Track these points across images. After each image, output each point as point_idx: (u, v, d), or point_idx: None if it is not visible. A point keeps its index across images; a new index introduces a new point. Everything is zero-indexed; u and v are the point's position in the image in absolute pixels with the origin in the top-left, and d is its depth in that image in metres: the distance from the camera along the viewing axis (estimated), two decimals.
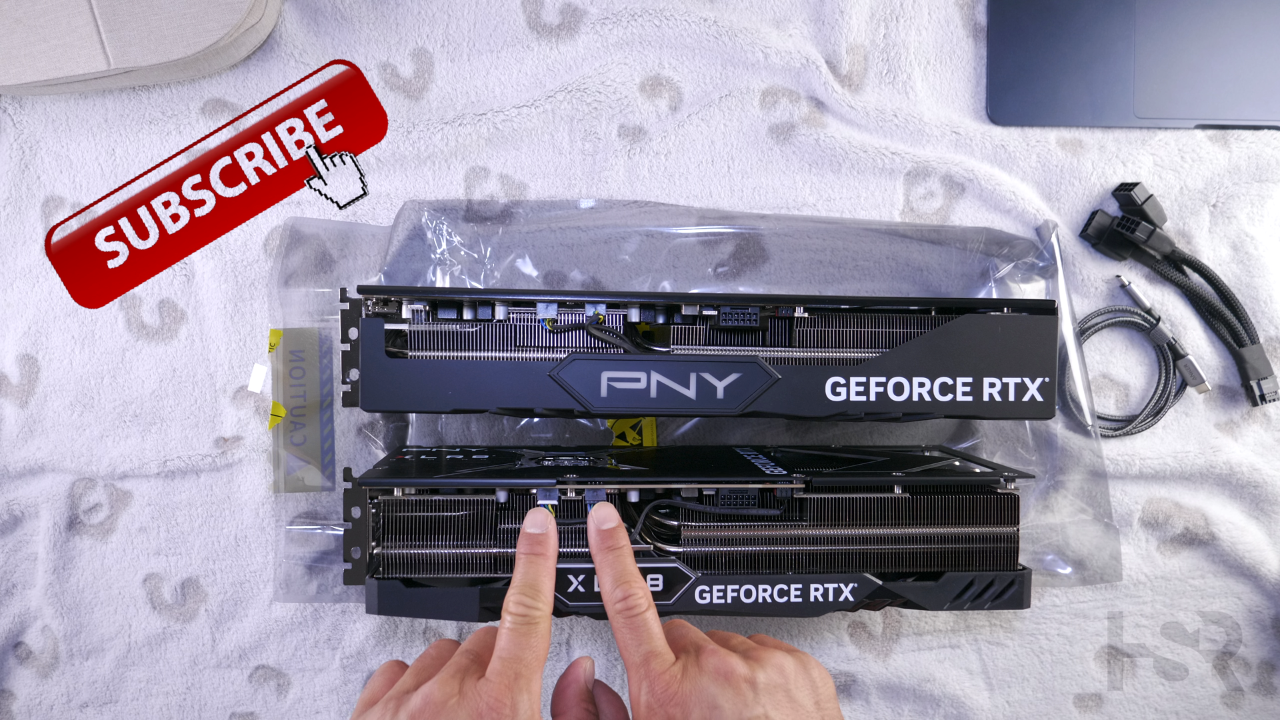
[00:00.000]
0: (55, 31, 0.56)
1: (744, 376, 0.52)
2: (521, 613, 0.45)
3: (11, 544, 0.64)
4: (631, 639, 0.46)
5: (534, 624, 0.45)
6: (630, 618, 0.46)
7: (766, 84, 0.64)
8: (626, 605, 0.47)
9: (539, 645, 0.44)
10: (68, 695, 0.65)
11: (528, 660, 0.43)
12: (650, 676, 0.44)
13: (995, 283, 0.64)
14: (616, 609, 0.47)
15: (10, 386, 0.64)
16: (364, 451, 0.63)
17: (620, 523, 0.50)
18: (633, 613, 0.46)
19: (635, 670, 0.45)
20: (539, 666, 0.44)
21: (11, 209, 0.63)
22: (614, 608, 0.47)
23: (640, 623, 0.46)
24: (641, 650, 0.45)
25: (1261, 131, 0.65)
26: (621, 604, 0.47)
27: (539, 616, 0.45)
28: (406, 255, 0.62)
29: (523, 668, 0.43)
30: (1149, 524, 0.66)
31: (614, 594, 0.47)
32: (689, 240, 0.63)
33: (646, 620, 0.46)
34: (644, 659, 0.45)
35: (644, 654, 0.45)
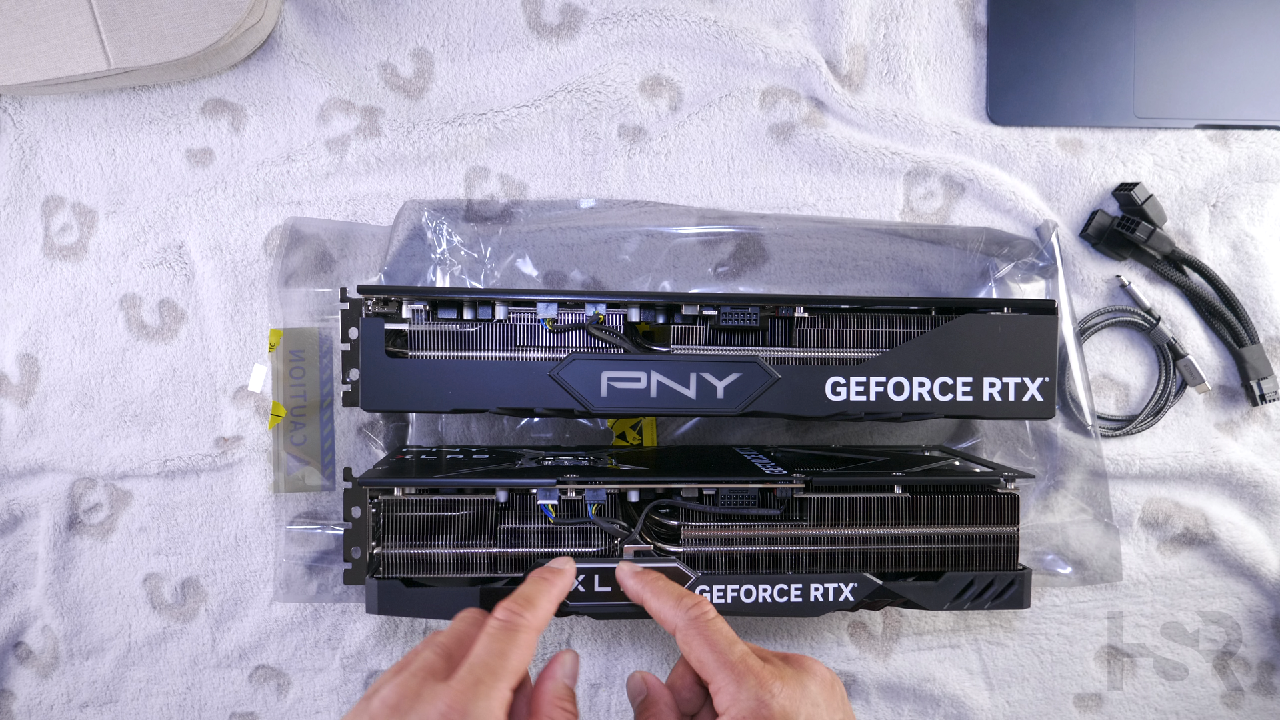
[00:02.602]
0: (55, 31, 0.56)
1: (744, 376, 0.52)
2: (505, 618, 0.44)
3: (11, 544, 0.64)
4: (719, 641, 0.45)
5: (514, 630, 0.43)
6: (708, 623, 0.46)
7: (766, 84, 0.64)
8: (701, 612, 0.46)
9: (515, 653, 0.42)
10: (68, 695, 0.65)
11: (496, 667, 0.41)
12: (754, 673, 0.43)
13: (995, 283, 0.64)
14: (691, 617, 0.46)
15: (10, 386, 0.64)
16: (364, 451, 0.63)
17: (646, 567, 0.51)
18: (707, 618, 0.46)
19: (732, 669, 0.43)
20: (510, 675, 0.41)
21: (11, 209, 0.63)
22: (686, 619, 0.46)
23: (719, 627, 0.46)
24: (735, 650, 0.44)
25: (1261, 131, 0.65)
26: (695, 611, 0.46)
27: (522, 625, 0.44)
28: (406, 255, 0.62)
29: (488, 674, 0.41)
30: (1149, 524, 0.66)
31: (681, 607, 0.47)
32: (689, 240, 0.63)
33: (723, 625, 0.46)
34: (741, 658, 0.44)
35: (740, 653, 0.44)
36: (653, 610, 0.49)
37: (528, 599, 0.46)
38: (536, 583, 0.48)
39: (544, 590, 0.47)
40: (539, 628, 0.45)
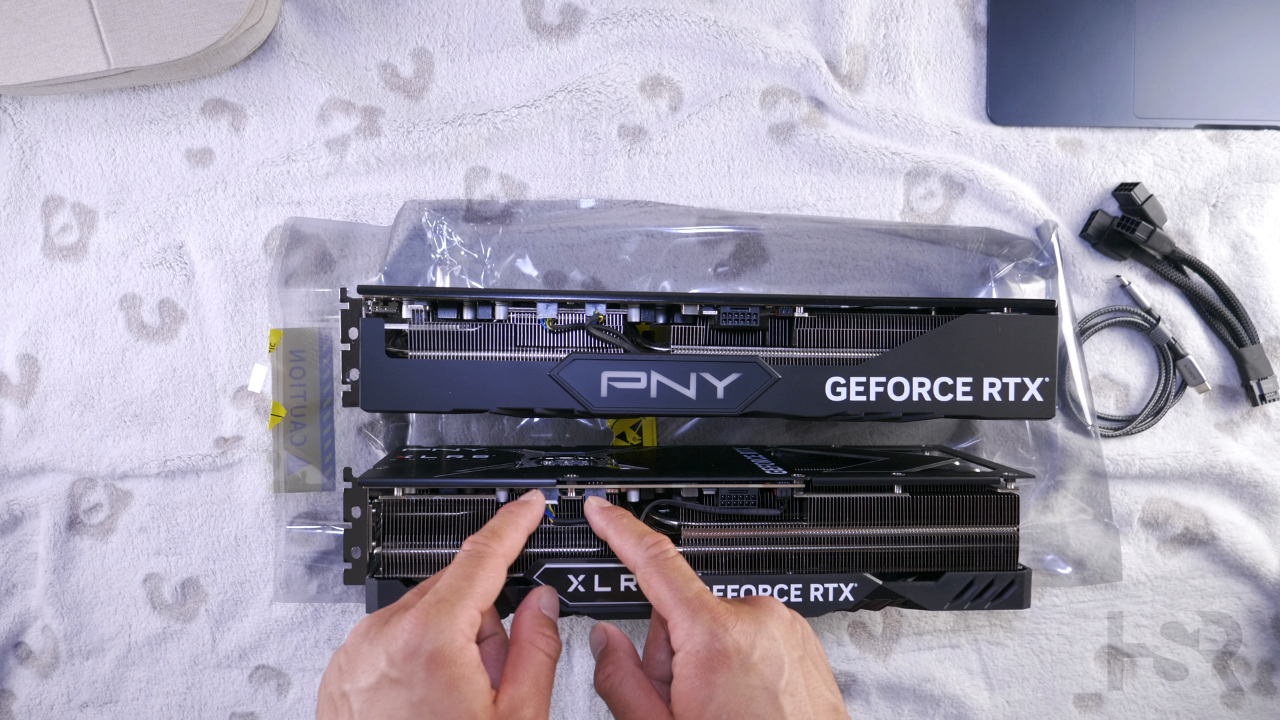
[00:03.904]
0: (55, 31, 0.56)
1: (744, 376, 0.52)
2: (470, 548, 0.44)
3: (11, 544, 0.64)
4: (675, 578, 0.44)
5: (479, 558, 0.44)
6: (666, 560, 0.45)
7: (766, 84, 0.64)
8: (660, 550, 0.46)
9: (480, 576, 0.43)
10: (68, 695, 0.65)
11: (461, 588, 0.41)
12: (709, 608, 0.42)
13: (995, 283, 0.64)
14: (649, 556, 0.46)
15: (10, 386, 0.64)
16: (364, 451, 0.63)
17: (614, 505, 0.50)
18: (667, 555, 0.46)
19: (688, 605, 0.43)
20: (475, 598, 0.41)
21: (11, 209, 0.63)
22: (645, 556, 0.46)
23: (677, 564, 0.45)
24: (692, 587, 0.44)
25: (1261, 131, 0.65)
26: (654, 549, 0.46)
27: (487, 552, 0.44)
28: (406, 255, 0.62)
29: (451, 594, 0.41)
30: (1149, 524, 0.66)
31: (641, 545, 0.46)
32: (689, 240, 0.63)
33: (681, 563, 0.45)
34: (697, 594, 0.43)
35: (696, 590, 0.43)
36: (615, 547, 0.48)
37: (493, 530, 0.47)
38: (503, 515, 0.48)
39: (509, 522, 0.48)
40: (506, 555, 0.46)
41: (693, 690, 0.41)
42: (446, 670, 0.39)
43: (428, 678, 0.38)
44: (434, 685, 0.38)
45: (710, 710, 0.40)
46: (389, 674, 0.39)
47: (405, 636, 0.39)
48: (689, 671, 0.41)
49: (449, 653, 0.39)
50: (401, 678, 0.39)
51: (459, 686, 0.39)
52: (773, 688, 0.41)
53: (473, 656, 0.40)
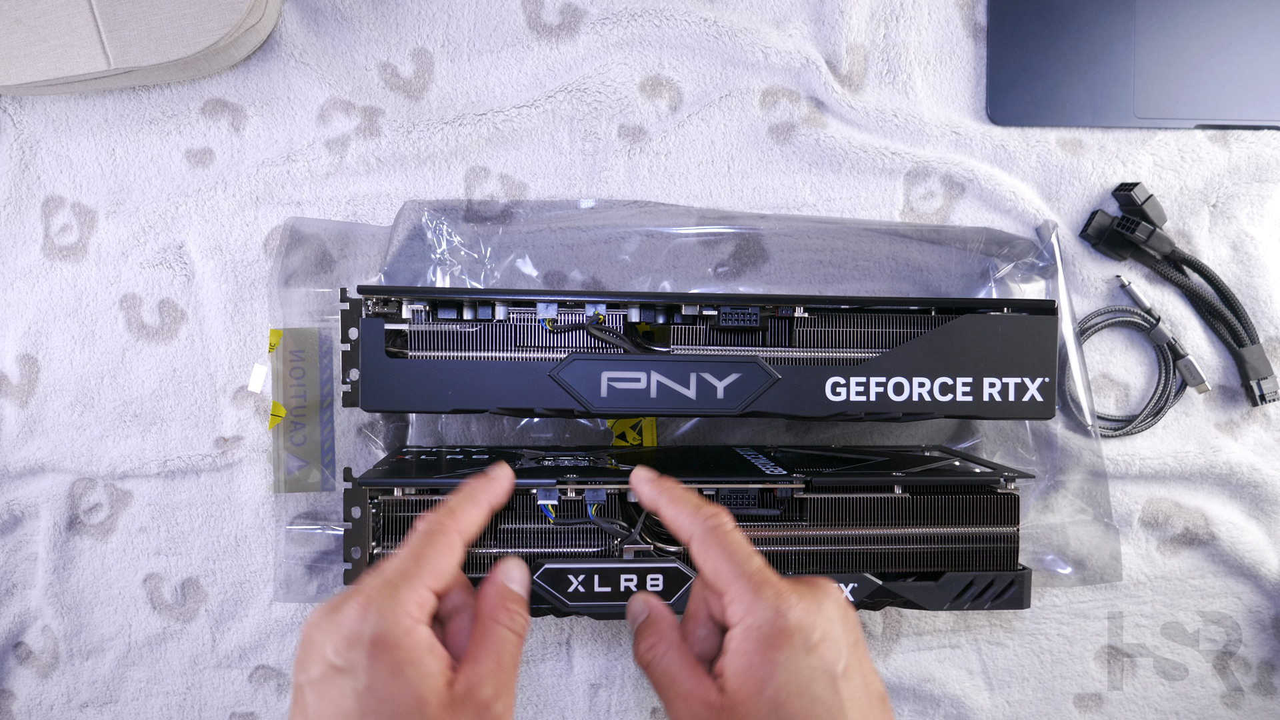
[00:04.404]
0: (55, 31, 0.56)
1: (744, 376, 0.52)
2: (420, 527, 0.43)
3: (11, 544, 0.64)
4: (736, 551, 0.42)
5: (429, 535, 0.42)
6: (726, 533, 0.43)
7: (766, 84, 0.64)
8: (720, 521, 0.44)
9: (429, 554, 0.41)
10: (68, 695, 0.65)
11: (408, 568, 0.40)
12: (772, 584, 0.41)
13: (995, 283, 0.64)
14: (709, 526, 0.44)
15: (10, 386, 0.64)
16: (364, 451, 0.63)
17: None
18: (726, 528, 0.44)
19: (750, 579, 0.41)
20: (425, 576, 0.40)
21: (11, 209, 0.63)
22: (704, 527, 0.44)
23: (738, 537, 0.43)
24: (753, 562, 0.42)
25: (1261, 131, 0.65)
26: (713, 520, 0.44)
27: (439, 529, 0.42)
28: (406, 255, 0.62)
29: (399, 575, 0.40)
30: (1149, 524, 0.66)
31: (699, 515, 0.44)
32: (689, 240, 0.63)
33: (741, 537, 0.44)
34: (758, 570, 0.41)
35: (757, 565, 0.42)
36: (668, 519, 0.46)
37: (448, 507, 0.45)
38: (461, 490, 0.47)
39: (467, 496, 0.46)
40: (462, 532, 0.44)
41: (751, 666, 0.40)
42: (390, 655, 0.38)
43: (370, 665, 0.37)
44: (377, 672, 0.37)
45: (769, 688, 0.39)
46: (334, 663, 0.38)
47: (348, 623, 0.38)
48: (748, 647, 0.40)
49: (392, 637, 0.38)
50: (345, 666, 0.38)
51: (404, 671, 0.38)
52: (832, 670, 0.40)
53: (420, 639, 0.39)
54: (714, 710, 0.40)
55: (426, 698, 0.38)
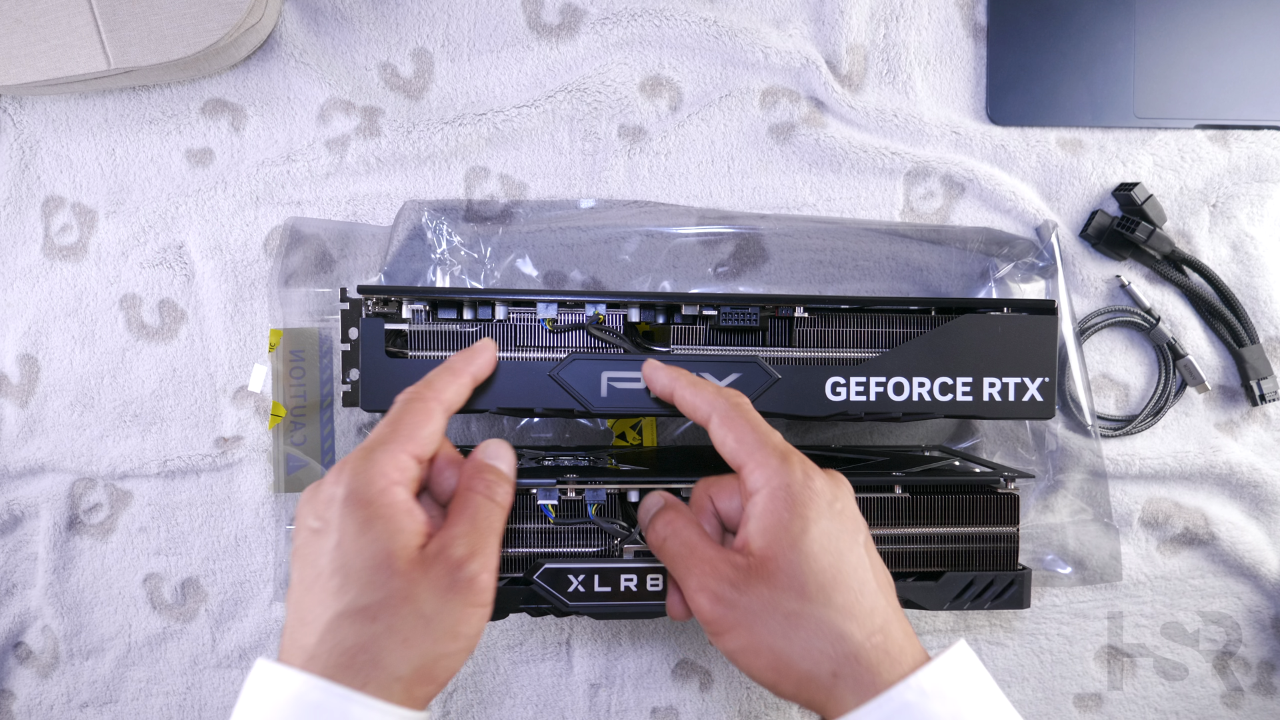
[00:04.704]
0: (55, 31, 0.56)
1: (744, 376, 0.52)
2: (400, 398, 0.43)
3: (11, 544, 0.64)
4: (761, 426, 0.43)
5: (408, 403, 0.43)
6: (749, 410, 0.44)
7: (766, 84, 0.64)
8: (742, 400, 0.44)
9: (407, 420, 0.42)
10: (68, 695, 0.65)
11: (386, 434, 0.41)
12: (797, 455, 0.42)
13: (995, 283, 0.64)
14: (733, 403, 0.44)
15: (10, 386, 0.64)
16: None
17: None
18: (749, 406, 0.44)
19: (775, 450, 0.42)
20: (403, 440, 0.41)
21: (11, 209, 0.63)
22: (728, 404, 0.44)
23: (760, 417, 0.43)
24: (776, 436, 0.42)
25: (1261, 131, 0.65)
26: (736, 398, 0.44)
27: (417, 398, 0.43)
28: (406, 255, 0.62)
29: (373, 442, 0.40)
30: (1149, 524, 0.66)
31: (721, 395, 0.44)
32: (689, 240, 0.63)
33: (761, 417, 0.44)
34: (783, 442, 0.42)
35: (780, 438, 0.42)
36: (686, 401, 0.46)
37: (427, 380, 0.45)
38: (443, 364, 0.47)
39: (445, 369, 0.46)
40: (441, 401, 0.44)
41: (781, 523, 0.40)
42: (361, 511, 0.38)
43: (342, 521, 0.38)
44: (348, 527, 0.38)
45: (805, 541, 0.39)
46: (312, 526, 0.39)
47: (325, 489, 0.39)
48: (776, 505, 0.40)
49: (365, 495, 0.38)
50: (321, 526, 0.39)
51: (373, 525, 0.38)
52: (857, 537, 0.41)
53: (397, 499, 0.39)
54: (741, 571, 0.40)
55: (395, 553, 0.38)
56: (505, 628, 0.65)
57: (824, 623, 0.39)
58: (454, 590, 0.38)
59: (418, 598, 0.38)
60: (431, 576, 0.38)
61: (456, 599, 0.38)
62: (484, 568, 0.40)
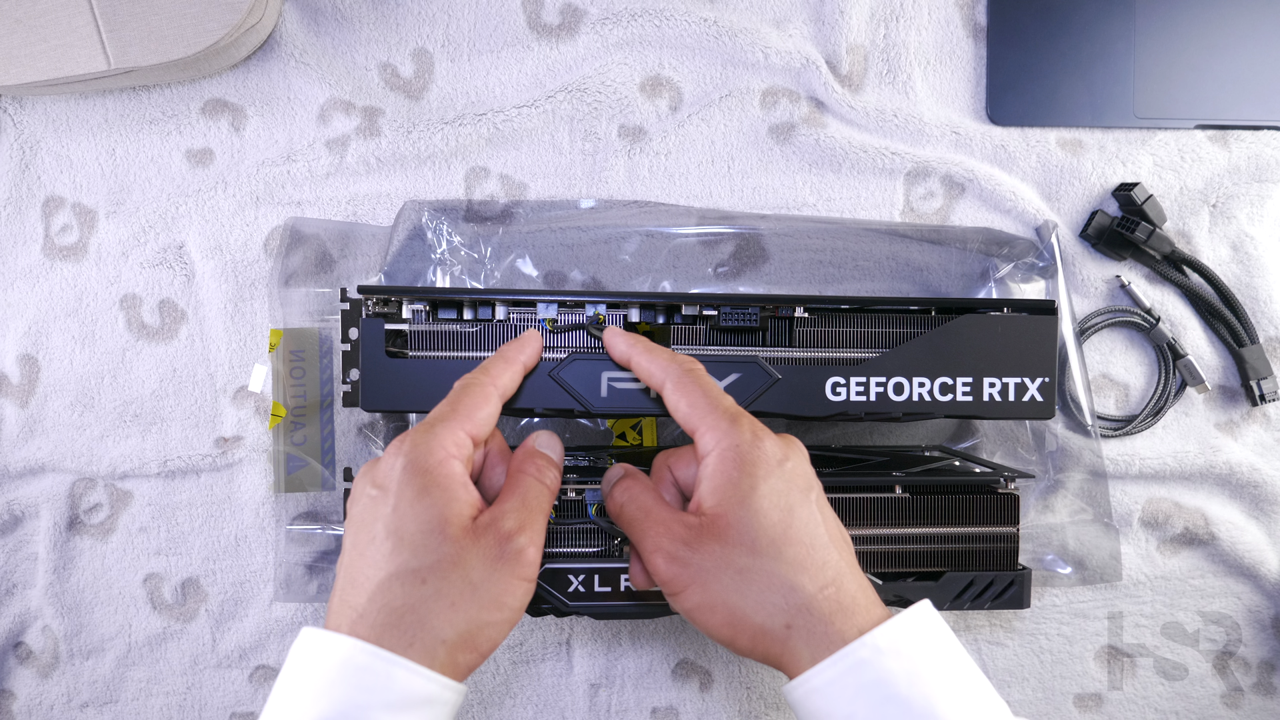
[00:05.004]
0: (55, 31, 0.56)
1: (744, 376, 0.52)
2: (457, 384, 0.45)
3: (11, 544, 0.64)
4: (712, 391, 0.44)
5: (465, 387, 0.45)
6: (701, 375, 0.45)
7: (766, 84, 0.64)
8: (694, 366, 0.46)
9: (464, 400, 0.44)
10: (68, 695, 0.65)
11: (444, 413, 0.43)
12: (747, 418, 0.43)
13: (995, 283, 0.64)
14: (684, 369, 0.45)
15: (10, 386, 0.64)
16: (364, 451, 0.63)
17: None
18: (701, 371, 0.46)
19: (725, 413, 0.43)
20: (460, 419, 0.43)
21: (12, 209, 0.63)
22: (679, 370, 0.45)
23: (712, 381, 0.45)
24: (727, 400, 0.44)
25: (1261, 131, 0.65)
26: (688, 364, 0.46)
27: (474, 383, 0.45)
28: (406, 255, 0.62)
29: (433, 419, 0.42)
30: (1149, 524, 0.66)
31: (674, 361, 0.46)
32: (689, 240, 0.63)
33: (713, 381, 0.45)
34: (733, 406, 0.44)
35: (731, 402, 0.44)
36: (641, 367, 0.48)
37: (483, 366, 0.47)
38: (496, 354, 0.49)
39: (501, 356, 0.48)
40: (498, 385, 0.46)
41: (731, 481, 0.41)
42: (419, 479, 0.40)
43: (400, 488, 0.40)
44: (405, 493, 0.40)
45: (754, 498, 0.41)
46: (370, 493, 0.41)
47: (386, 460, 0.41)
48: (726, 466, 0.41)
49: (423, 464, 0.40)
50: (379, 494, 0.41)
51: (430, 492, 0.40)
52: (809, 495, 0.42)
53: (453, 470, 0.41)
54: (693, 530, 0.42)
55: (450, 519, 0.39)
56: None
57: (775, 576, 0.40)
58: (502, 560, 0.40)
59: (467, 564, 0.39)
60: (482, 545, 0.40)
61: (504, 569, 0.40)
62: (531, 542, 0.41)
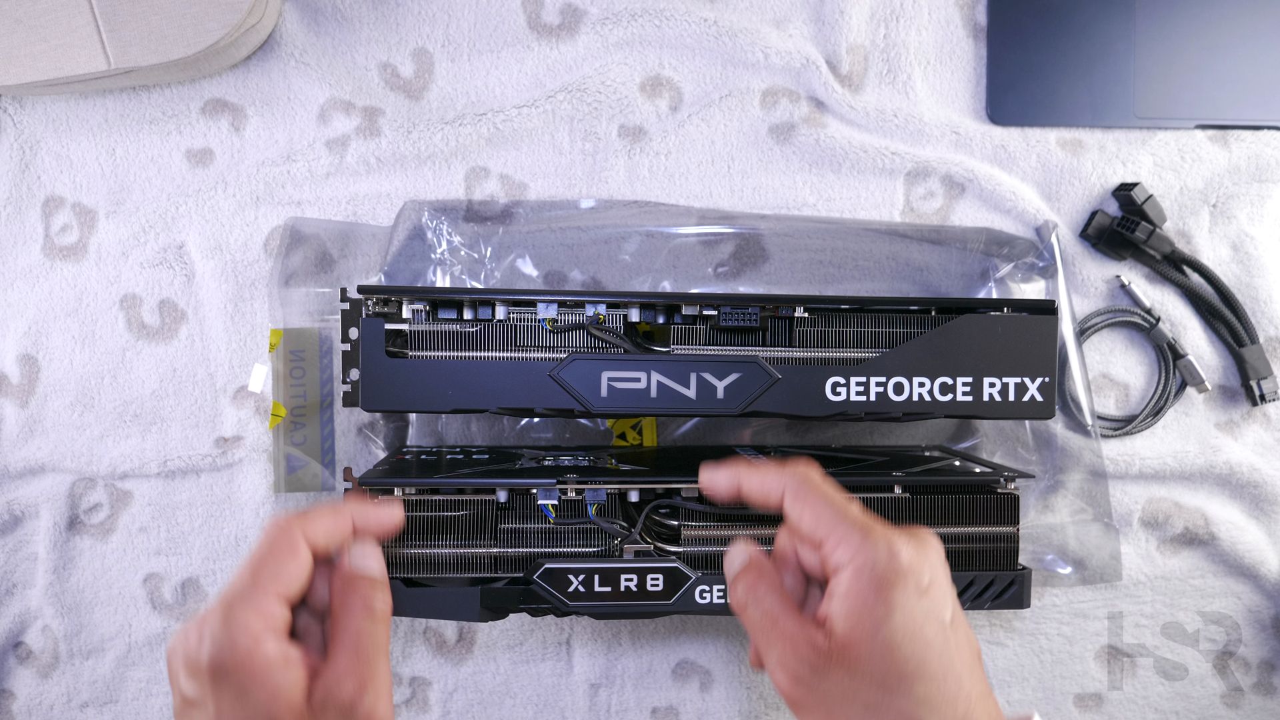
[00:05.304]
0: (55, 31, 0.56)
1: (744, 376, 0.52)
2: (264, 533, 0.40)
3: (11, 544, 0.64)
4: (835, 498, 0.41)
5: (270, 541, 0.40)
6: (819, 482, 0.42)
7: (766, 84, 0.64)
8: (809, 473, 0.42)
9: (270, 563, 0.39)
10: (68, 695, 0.65)
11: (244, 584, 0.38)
12: (882, 527, 0.39)
13: (995, 283, 0.64)
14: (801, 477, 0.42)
15: (10, 386, 0.64)
16: (364, 451, 0.63)
17: None
18: (818, 478, 0.42)
19: (855, 522, 0.39)
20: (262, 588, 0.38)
21: (12, 209, 0.63)
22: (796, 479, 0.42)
23: (833, 486, 0.42)
24: (855, 507, 0.41)
25: (1261, 131, 0.65)
26: (804, 472, 0.42)
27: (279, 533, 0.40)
28: (407, 255, 0.62)
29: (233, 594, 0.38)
30: (1149, 524, 0.66)
31: (786, 470, 0.42)
32: (689, 240, 0.63)
33: (834, 485, 0.42)
34: (863, 513, 0.40)
35: (859, 510, 0.40)
36: (754, 488, 0.43)
37: (304, 511, 0.42)
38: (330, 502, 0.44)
39: (330, 505, 0.44)
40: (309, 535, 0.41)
41: (865, 607, 0.38)
42: (232, 680, 0.36)
43: (215, 693, 0.36)
44: (223, 700, 0.36)
45: (884, 630, 0.37)
46: (186, 694, 0.37)
47: (189, 650, 0.37)
48: (861, 587, 0.38)
49: (231, 661, 0.36)
50: (195, 698, 0.37)
51: (250, 693, 0.36)
52: (942, 616, 0.39)
53: (266, 655, 0.37)
54: (821, 654, 0.39)
55: (280, 716, 0.36)
56: (505, 628, 0.65)
57: (904, 714, 0.37)
58: None
59: None
60: None
61: None
62: (377, 698, 0.38)
